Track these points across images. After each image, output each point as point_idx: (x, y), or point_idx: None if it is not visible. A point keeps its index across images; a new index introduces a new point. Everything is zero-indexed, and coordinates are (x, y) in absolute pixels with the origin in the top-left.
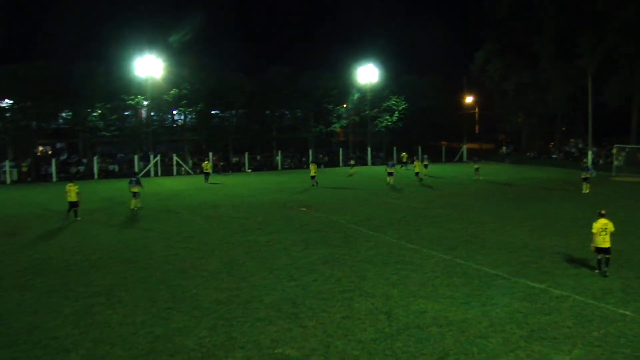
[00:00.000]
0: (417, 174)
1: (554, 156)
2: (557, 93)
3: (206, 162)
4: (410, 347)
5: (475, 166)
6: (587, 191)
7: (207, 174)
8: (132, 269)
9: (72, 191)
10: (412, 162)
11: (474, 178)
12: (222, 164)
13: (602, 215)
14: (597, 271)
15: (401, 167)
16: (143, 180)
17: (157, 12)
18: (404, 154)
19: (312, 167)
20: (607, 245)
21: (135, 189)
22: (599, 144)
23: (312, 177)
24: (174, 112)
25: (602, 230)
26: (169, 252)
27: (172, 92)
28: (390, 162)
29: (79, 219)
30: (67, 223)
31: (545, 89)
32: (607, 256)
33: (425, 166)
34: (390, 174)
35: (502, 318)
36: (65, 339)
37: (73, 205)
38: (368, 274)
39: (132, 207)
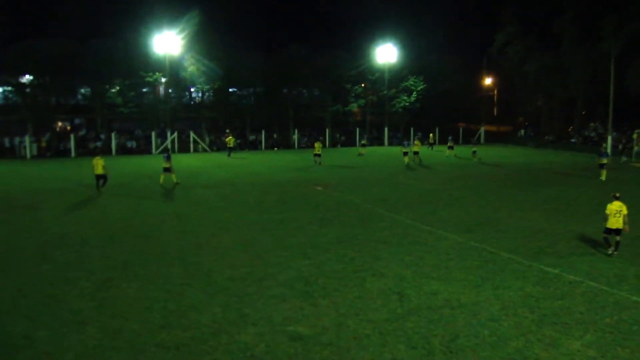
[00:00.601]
0: (416, 153)
1: (572, 140)
2: (578, 76)
3: (230, 137)
4: (421, 328)
5: (473, 149)
6: (604, 178)
7: (231, 149)
8: (147, 244)
9: (98, 165)
10: (435, 143)
11: (474, 160)
12: (239, 141)
13: (616, 198)
14: (610, 250)
15: (429, 147)
16: (159, 157)
17: None
18: (431, 135)
19: (317, 145)
20: (619, 226)
21: (166, 165)
22: (620, 129)
23: (317, 155)
24: (192, 90)
25: (617, 212)
26: (184, 228)
27: (190, 68)
28: (405, 142)
29: (103, 190)
30: (97, 195)
31: (566, 72)
32: (618, 238)
33: (451, 147)
34: (405, 153)
35: (514, 302)
36: (82, 312)
37: (100, 177)
38: (382, 254)
39: (160, 182)
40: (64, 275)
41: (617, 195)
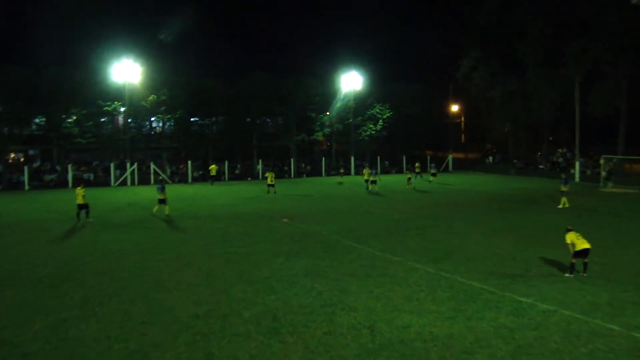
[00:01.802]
0: (366, 181)
1: (540, 166)
2: (543, 101)
3: (213, 165)
4: None
5: (409, 176)
6: (565, 205)
7: (213, 177)
8: (106, 281)
9: (79, 194)
10: (422, 172)
11: (408, 187)
12: (200, 172)
13: (569, 231)
14: (569, 274)
15: (416, 176)
16: (118, 189)
17: (136, 17)
18: (417, 164)
19: (270, 175)
20: (588, 246)
21: (161, 196)
22: (586, 154)
23: (270, 185)
24: (152, 119)
25: (577, 237)
26: (145, 263)
27: (150, 98)
28: (373, 171)
29: (90, 220)
30: (80, 225)
31: (530, 97)
32: (586, 260)
33: (433, 175)
34: (373, 182)
35: (488, 333)
36: (36, 356)
37: (82, 207)
38: (351, 287)
39: (167, 213)
40: (16, 317)
41: (570, 227)
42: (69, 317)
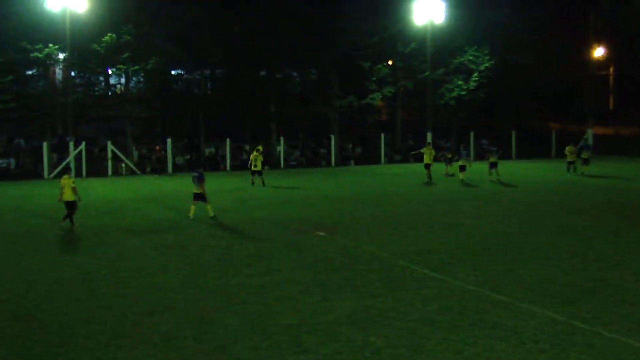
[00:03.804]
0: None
1: None
2: None
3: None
4: None
5: (491, 159)
6: None
7: (258, 172)
8: (34, 332)
9: (67, 187)
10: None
11: (490, 178)
12: (187, 157)
13: None
14: None
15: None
16: (56, 184)
17: None
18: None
19: (254, 156)
20: None
21: (198, 190)
22: None
23: (255, 174)
24: (109, 72)
25: None
26: (96, 302)
27: (106, 38)
28: (464, 150)
29: (76, 224)
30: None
31: None
32: None
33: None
34: (462, 167)
35: None
36: None
37: (72, 206)
38: (426, 343)
39: (191, 217)
40: None
41: None
42: None
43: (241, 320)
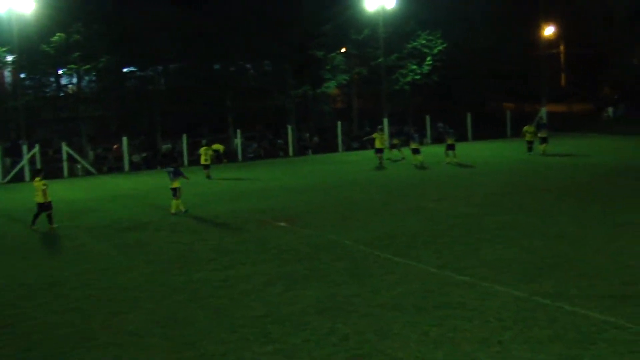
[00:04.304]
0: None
1: None
2: None
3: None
4: None
5: (449, 141)
6: None
7: (206, 166)
8: (1, 338)
9: (38, 189)
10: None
11: (447, 161)
12: (144, 155)
13: None
14: None
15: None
16: (10, 189)
17: None
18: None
19: (203, 151)
20: None
21: (175, 184)
22: None
23: (204, 167)
24: (60, 73)
25: None
26: (63, 305)
27: (55, 38)
28: (415, 134)
29: (55, 226)
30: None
31: None
32: None
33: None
34: (415, 150)
35: None
36: None
37: (43, 207)
38: (393, 327)
39: (173, 212)
40: None
41: None
42: None
43: (207, 315)
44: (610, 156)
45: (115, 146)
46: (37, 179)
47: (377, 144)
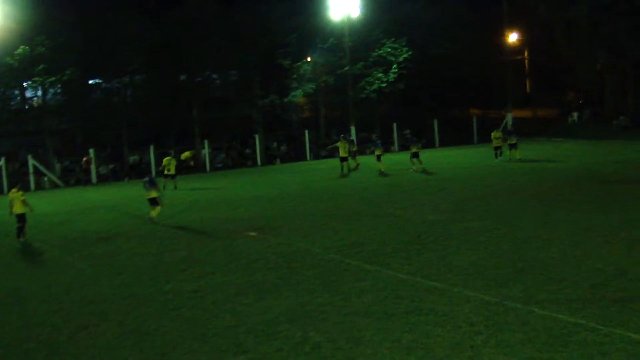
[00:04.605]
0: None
1: None
2: None
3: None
4: None
5: (413, 149)
6: None
7: (171, 176)
8: None
9: (16, 201)
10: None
11: (413, 168)
12: (111, 166)
13: None
14: None
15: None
16: None
17: None
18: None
19: (167, 160)
20: None
21: (153, 194)
22: None
23: (168, 178)
24: (25, 85)
25: None
26: (30, 320)
27: (19, 50)
28: (377, 141)
29: (21, 239)
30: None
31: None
32: None
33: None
34: (378, 157)
35: None
36: None
37: (22, 219)
38: (365, 334)
39: (154, 217)
40: None
41: None
42: None
43: (178, 326)
44: (575, 161)
45: (85, 158)
46: (14, 190)
47: (342, 152)
